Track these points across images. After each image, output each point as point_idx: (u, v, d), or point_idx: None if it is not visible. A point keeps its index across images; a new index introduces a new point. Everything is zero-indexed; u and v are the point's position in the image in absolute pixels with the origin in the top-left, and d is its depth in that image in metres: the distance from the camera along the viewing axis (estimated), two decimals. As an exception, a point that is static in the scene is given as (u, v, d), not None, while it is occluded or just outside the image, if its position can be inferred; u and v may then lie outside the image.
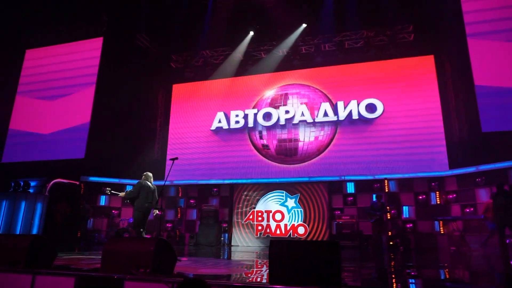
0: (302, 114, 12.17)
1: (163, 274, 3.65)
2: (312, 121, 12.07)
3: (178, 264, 4.27)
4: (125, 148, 12.52)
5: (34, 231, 10.65)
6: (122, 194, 7.53)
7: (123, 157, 12.46)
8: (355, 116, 11.65)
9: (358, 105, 11.72)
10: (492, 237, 8.42)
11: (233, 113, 12.99)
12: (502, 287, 4.23)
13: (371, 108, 11.61)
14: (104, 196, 12.31)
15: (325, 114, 11.97)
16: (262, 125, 12.54)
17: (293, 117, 12.25)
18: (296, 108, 12.34)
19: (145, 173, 7.60)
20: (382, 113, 11.44)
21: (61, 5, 12.36)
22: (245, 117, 12.81)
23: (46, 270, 3.78)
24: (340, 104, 11.93)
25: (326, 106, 12.07)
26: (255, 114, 12.72)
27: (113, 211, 12.19)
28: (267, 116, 12.55)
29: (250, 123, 12.69)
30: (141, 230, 7.01)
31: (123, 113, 12.70)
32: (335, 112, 11.91)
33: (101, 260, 3.90)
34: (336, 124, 11.95)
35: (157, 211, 7.34)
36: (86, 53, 13.31)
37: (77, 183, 12.05)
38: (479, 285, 4.27)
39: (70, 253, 7.88)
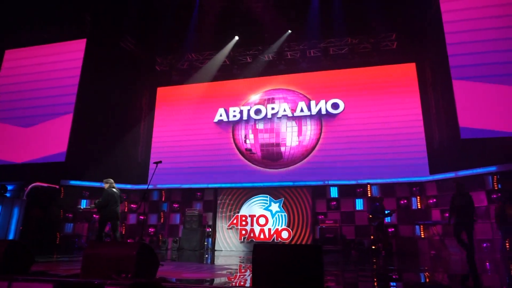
0: (284, 110, 12.46)
1: (145, 279, 3.59)
2: (291, 115, 12.37)
3: (161, 269, 4.21)
4: (107, 151, 12.32)
5: (11, 236, 10.34)
6: (92, 206, 7.62)
7: (106, 161, 12.24)
8: (325, 110, 11.97)
9: (325, 103, 12.16)
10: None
11: (219, 111, 13.07)
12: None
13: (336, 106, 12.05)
14: (85, 200, 12.06)
15: (302, 111, 12.37)
16: (253, 118, 12.67)
17: (277, 112, 12.52)
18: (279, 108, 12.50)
19: (107, 180, 7.58)
20: (343, 110, 11.96)
21: (43, 4, 12.13)
22: (229, 115, 12.94)
23: (23, 276, 3.67)
24: (318, 103, 12.28)
25: (303, 105, 12.41)
26: (241, 111, 12.85)
27: (94, 216, 11.93)
28: (256, 112, 12.72)
29: (238, 118, 12.87)
30: (101, 236, 7.37)
31: (106, 116, 12.52)
32: (309, 109, 12.33)
33: (81, 264, 3.81)
34: (320, 129, 12.06)
35: None
36: (69, 54, 13.08)
37: (57, 187, 11.77)
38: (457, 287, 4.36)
39: (49, 258, 7.67)
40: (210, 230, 11.83)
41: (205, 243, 11.56)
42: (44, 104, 12.87)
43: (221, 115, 12.99)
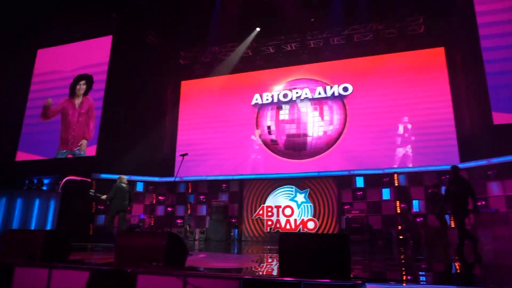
0: (307, 98, 12.58)
1: (175, 268, 3.72)
2: (311, 97, 12.45)
3: (189, 258, 4.34)
4: (135, 145, 12.66)
5: (48, 227, 10.87)
6: (104, 196, 8.61)
7: (134, 154, 12.60)
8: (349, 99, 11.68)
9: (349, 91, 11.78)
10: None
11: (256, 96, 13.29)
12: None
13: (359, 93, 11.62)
14: (115, 193, 12.44)
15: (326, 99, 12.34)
16: (281, 100, 12.86)
17: (299, 96, 12.66)
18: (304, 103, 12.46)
19: (120, 176, 8.68)
20: (369, 98, 11.66)
21: (70, 4, 12.51)
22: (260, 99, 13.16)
23: (62, 264, 3.87)
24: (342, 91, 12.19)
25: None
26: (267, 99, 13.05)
27: (125, 207, 12.33)
28: (282, 98, 12.88)
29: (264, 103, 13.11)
30: (111, 226, 8.37)
31: (133, 110, 12.84)
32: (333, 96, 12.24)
33: (114, 254, 3.98)
34: (345, 119, 11.91)
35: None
36: (97, 51, 13.48)
37: (89, 180, 12.23)
38: (491, 279, 4.25)
39: (84, 247, 8.03)
40: (236, 221, 11.99)
41: (231, 234, 11.73)
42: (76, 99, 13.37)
43: (256, 99, 13.20)
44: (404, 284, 3.66)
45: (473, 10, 9.81)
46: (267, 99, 13.02)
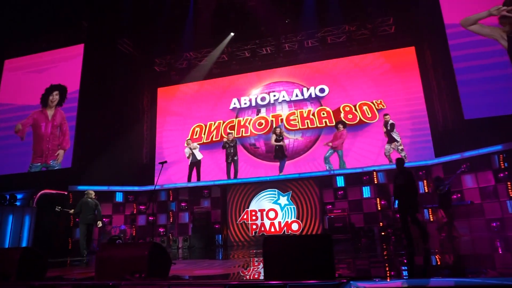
0: (284, 100, 12.73)
1: (159, 278, 3.64)
2: (289, 99, 12.64)
3: (173, 267, 4.26)
4: (113, 154, 12.40)
5: (24, 244, 10.47)
6: (71, 211, 9.16)
7: (111, 164, 12.33)
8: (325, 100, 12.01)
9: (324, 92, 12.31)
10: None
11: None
12: (490, 268, 4.35)
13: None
14: (94, 204, 12.14)
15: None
16: (259, 104, 12.92)
17: (277, 99, 12.79)
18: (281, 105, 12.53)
19: (86, 191, 9.29)
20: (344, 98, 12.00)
21: (39, 13, 12.18)
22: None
23: (39, 282, 3.73)
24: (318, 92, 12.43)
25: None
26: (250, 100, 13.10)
27: (104, 219, 12.02)
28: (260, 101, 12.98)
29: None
30: (84, 243, 8.72)
31: (108, 119, 12.58)
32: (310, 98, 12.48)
33: (95, 267, 3.86)
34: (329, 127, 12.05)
35: (100, 223, 9.11)
36: (68, 60, 13.15)
37: (65, 193, 11.87)
38: (470, 268, 4.38)
39: (62, 263, 7.78)
40: (220, 226, 11.89)
41: (215, 240, 11.62)
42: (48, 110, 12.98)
43: (234, 103, 13.19)
44: (388, 280, 3.71)
45: (440, 10, 10.16)
46: (245, 103, 13.03)
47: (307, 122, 12.15)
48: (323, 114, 12.07)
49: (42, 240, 10.86)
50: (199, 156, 12.60)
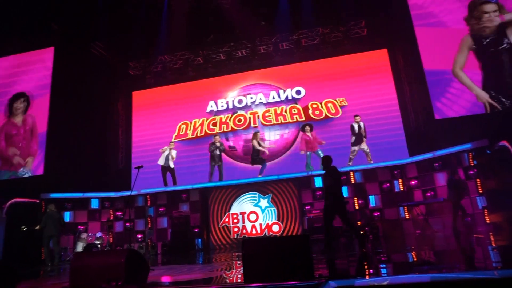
0: (261, 102, 12.80)
1: (136, 285, 3.57)
2: (265, 101, 12.70)
3: (152, 274, 4.19)
4: (87, 160, 12.09)
5: (-7, 256, 10.02)
6: (37, 227, 9.51)
7: (86, 170, 12.02)
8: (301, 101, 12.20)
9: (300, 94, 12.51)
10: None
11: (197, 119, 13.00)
12: (463, 265, 4.50)
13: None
14: (68, 213, 11.79)
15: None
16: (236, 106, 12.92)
17: (254, 101, 12.83)
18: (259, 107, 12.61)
19: (49, 205, 9.91)
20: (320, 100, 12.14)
21: (6, 15, 11.72)
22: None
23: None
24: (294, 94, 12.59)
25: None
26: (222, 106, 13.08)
27: (79, 227, 11.71)
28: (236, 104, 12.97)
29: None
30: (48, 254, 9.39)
31: (82, 124, 12.25)
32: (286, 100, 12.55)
33: (69, 277, 3.75)
34: (299, 123, 12.16)
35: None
36: (38, 64, 12.73)
37: (37, 201, 11.45)
38: (445, 264, 4.51)
39: (35, 274, 7.49)
40: (199, 230, 11.79)
41: (196, 244, 11.51)
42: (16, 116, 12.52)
43: (211, 106, 13.14)
44: (367, 278, 3.78)
45: (409, 13, 10.49)
46: (222, 106, 13.00)
47: (280, 118, 12.29)
48: (294, 110, 12.25)
49: (14, 251, 10.42)
50: (171, 164, 12.47)
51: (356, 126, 11.53)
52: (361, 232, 10.03)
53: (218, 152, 12.19)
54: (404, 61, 11.86)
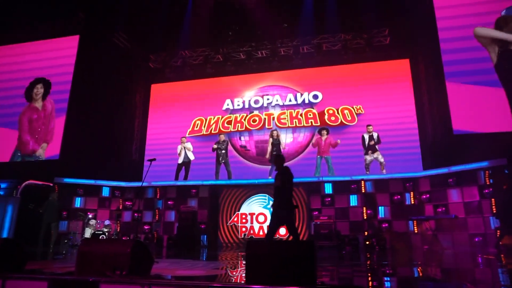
0: (277, 100, 12.80)
1: (140, 276, 3.61)
2: (282, 104, 12.65)
3: (155, 266, 4.23)
4: (101, 149, 12.28)
5: (5, 234, 10.26)
6: (41, 210, 9.76)
7: (100, 158, 12.20)
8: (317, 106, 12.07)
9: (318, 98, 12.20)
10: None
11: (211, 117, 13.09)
12: (472, 283, 4.40)
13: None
14: (79, 198, 12.03)
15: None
16: (252, 106, 12.93)
17: (270, 103, 12.84)
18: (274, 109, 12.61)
19: (51, 193, 10.15)
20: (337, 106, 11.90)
21: (36, 1, 12.02)
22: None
23: (17, 274, 3.66)
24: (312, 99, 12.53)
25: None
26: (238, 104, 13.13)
27: (89, 213, 11.90)
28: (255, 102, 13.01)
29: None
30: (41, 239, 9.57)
31: (100, 113, 12.46)
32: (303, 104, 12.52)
33: (75, 262, 3.81)
34: (314, 127, 12.11)
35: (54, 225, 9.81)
36: (62, 51, 13.00)
37: (51, 184, 11.70)
38: (451, 282, 4.42)
39: (43, 255, 7.66)
40: (205, 226, 11.85)
41: (201, 240, 11.58)
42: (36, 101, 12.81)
43: (228, 104, 13.19)
44: (368, 290, 3.74)
45: (435, 25, 10.31)
46: (239, 105, 13.04)
47: (295, 121, 12.25)
48: (310, 115, 12.19)
49: (25, 231, 10.67)
50: (191, 156, 12.61)
51: (367, 136, 11.43)
52: (367, 243, 9.99)
53: (222, 151, 12.30)
54: (426, 72, 11.66)
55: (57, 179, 11.70)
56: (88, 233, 11.27)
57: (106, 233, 11.04)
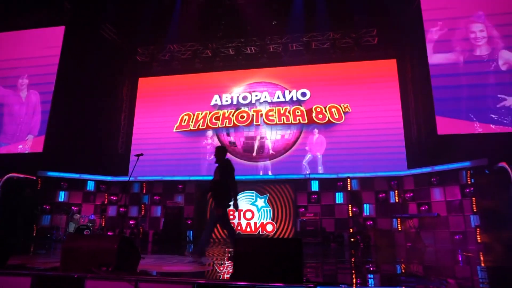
0: (265, 97, 12.85)
1: (127, 272, 3.59)
2: (270, 100, 12.71)
3: (142, 262, 4.21)
4: (86, 142, 12.10)
5: (-15, 228, 10.05)
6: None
7: (85, 152, 12.03)
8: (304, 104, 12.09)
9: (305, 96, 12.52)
10: None
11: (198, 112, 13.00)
12: (451, 279, 4.53)
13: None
14: (63, 192, 11.84)
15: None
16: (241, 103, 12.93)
17: (258, 99, 12.84)
18: (263, 105, 12.63)
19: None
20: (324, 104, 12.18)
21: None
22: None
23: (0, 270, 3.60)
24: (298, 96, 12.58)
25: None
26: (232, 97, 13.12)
27: (73, 208, 11.75)
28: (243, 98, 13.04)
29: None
30: None
31: (85, 106, 12.26)
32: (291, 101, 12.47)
33: (60, 258, 3.77)
34: (301, 125, 12.20)
35: None
36: (47, 42, 12.71)
37: (34, 178, 11.48)
38: (433, 278, 4.54)
39: (26, 250, 7.54)
40: (191, 222, 11.83)
41: (187, 236, 11.56)
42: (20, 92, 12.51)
43: (216, 100, 13.15)
44: (353, 287, 3.81)
45: (422, 27, 10.47)
46: (227, 101, 13.02)
47: (283, 118, 12.31)
48: (298, 112, 12.27)
49: (6, 226, 10.47)
50: None
51: (355, 133, 11.66)
52: (352, 240, 10.13)
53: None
54: (412, 73, 11.86)
55: (40, 172, 11.49)
56: (72, 227, 11.13)
57: (91, 228, 10.92)
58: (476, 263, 6.20)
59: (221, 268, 5.14)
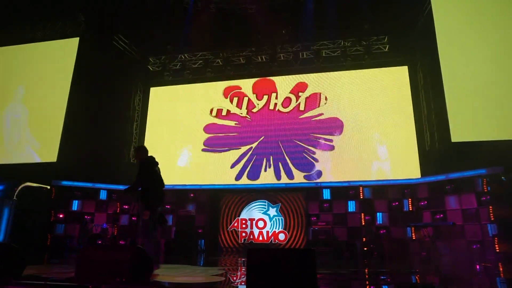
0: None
1: (140, 283, 3.60)
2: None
3: (154, 272, 4.21)
4: (99, 152, 12.23)
5: (0, 238, 10.20)
6: None
7: (97, 161, 12.15)
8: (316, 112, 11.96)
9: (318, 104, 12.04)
10: None
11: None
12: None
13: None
14: (76, 201, 11.95)
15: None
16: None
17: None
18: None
19: None
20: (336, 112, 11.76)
21: (36, 3, 12.02)
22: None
23: (15, 281, 3.64)
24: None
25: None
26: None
27: (86, 217, 11.84)
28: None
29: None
30: None
31: (98, 116, 12.42)
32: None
33: (75, 268, 3.79)
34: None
35: None
36: (61, 53, 12.96)
37: (48, 187, 11.64)
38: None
39: (40, 260, 7.61)
40: (203, 231, 11.83)
41: (198, 245, 11.54)
42: (35, 103, 12.76)
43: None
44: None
45: (434, 33, 10.38)
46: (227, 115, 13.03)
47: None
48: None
49: (20, 235, 10.60)
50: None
51: (367, 142, 11.54)
52: (365, 249, 9.99)
53: None
54: (424, 80, 11.75)
55: (55, 181, 11.64)
56: (85, 236, 11.20)
57: (103, 237, 10.98)
58: (495, 274, 6.03)
59: (234, 278, 5.11)
